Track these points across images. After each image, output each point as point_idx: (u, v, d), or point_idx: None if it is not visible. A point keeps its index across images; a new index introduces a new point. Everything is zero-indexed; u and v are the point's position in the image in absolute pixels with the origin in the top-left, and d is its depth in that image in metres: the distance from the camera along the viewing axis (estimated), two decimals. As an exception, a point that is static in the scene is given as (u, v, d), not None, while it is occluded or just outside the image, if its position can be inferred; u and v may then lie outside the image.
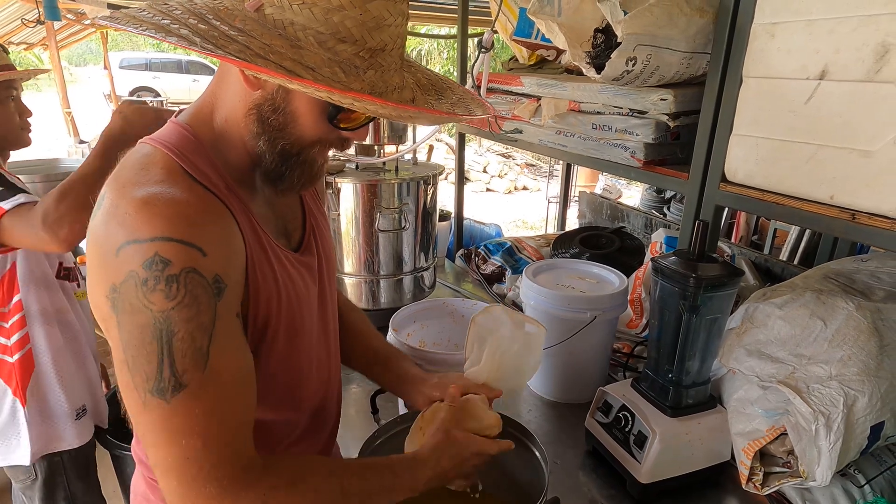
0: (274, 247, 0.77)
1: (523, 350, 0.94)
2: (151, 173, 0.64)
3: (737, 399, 1.12)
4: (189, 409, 0.60)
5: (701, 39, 1.23)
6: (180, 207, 0.62)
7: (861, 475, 1.05)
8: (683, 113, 1.29)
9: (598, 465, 1.19)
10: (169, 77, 13.38)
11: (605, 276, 1.46)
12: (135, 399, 0.61)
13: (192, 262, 0.60)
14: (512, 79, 1.72)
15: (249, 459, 0.65)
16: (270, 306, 0.74)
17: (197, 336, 0.61)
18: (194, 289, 0.60)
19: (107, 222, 0.62)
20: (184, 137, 0.71)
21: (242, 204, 0.73)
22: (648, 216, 2.57)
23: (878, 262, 1.26)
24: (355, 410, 1.37)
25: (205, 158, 0.70)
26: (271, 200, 0.81)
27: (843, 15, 0.92)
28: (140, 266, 0.59)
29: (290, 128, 0.70)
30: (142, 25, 0.59)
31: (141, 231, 0.59)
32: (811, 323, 1.07)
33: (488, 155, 10.71)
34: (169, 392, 0.60)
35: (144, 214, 0.60)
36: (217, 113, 0.73)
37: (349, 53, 0.63)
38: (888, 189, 0.90)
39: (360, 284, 1.73)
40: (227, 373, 0.64)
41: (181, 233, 0.60)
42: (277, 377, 0.80)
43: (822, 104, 0.97)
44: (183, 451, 0.60)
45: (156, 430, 0.61)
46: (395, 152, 1.72)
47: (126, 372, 0.61)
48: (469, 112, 0.77)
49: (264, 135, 0.71)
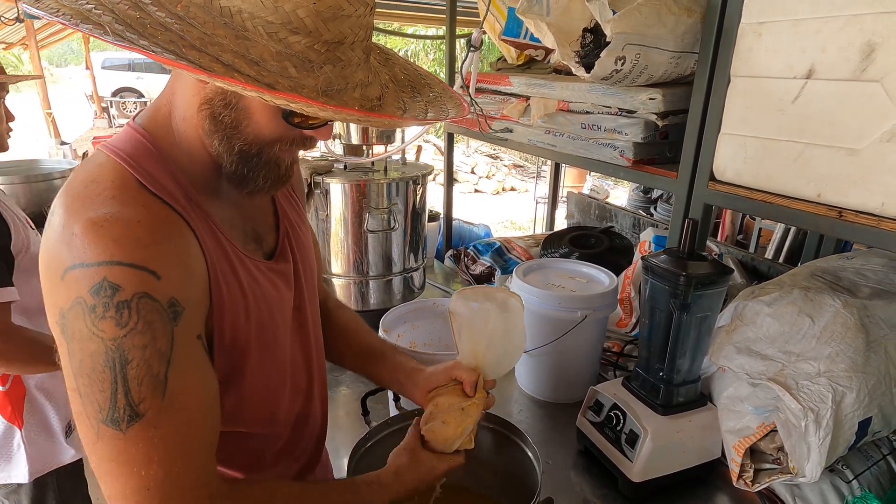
0: (241, 256, 0.73)
1: (506, 326, 0.92)
2: (102, 188, 0.60)
3: (727, 397, 1.12)
4: (147, 438, 0.57)
5: (689, 39, 1.23)
6: (131, 228, 0.58)
7: (849, 470, 1.06)
8: (672, 112, 1.30)
9: (590, 465, 1.19)
10: (153, 77, 13.19)
11: (595, 275, 1.47)
12: (87, 428, 0.58)
13: (143, 287, 0.57)
14: (501, 79, 1.72)
15: (215, 487, 0.63)
16: (238, 319, 0.71)
17: (153, 363, 0.58)
18: (148, 314, 0.57)
19: (54, 243, 0.58)
20: (139, 144, 0.66)
21: (204, 214, 0.69)
22: (636, 216, 2.58)
23: (863, 259, 1.28)
24: (345, 413, 1.36)
25: (161, 167, 0.66)
26: (239, 203, 0.76)
27: (829, 14, 0.93)
28: (87, 292, 0.55)
29: (244, 126, 0.65)
30: (60, 11, 0.52)
31: (88, 255, 0.56)
32: (799, 320, 1.08)
33: (476, 156, 10.73)
34: (125, 422, 0.57)
35: (91, 237, 0.56)
36: (175, 112, 0.68)
37: (302, 46, 0.57)
38: (874, 186, 0.91)
39: (350, 285, 1.72)
40: (187, 398, 0.60)
41: (131, 256, 0.57)
42: (252, 391, 0.77)
43: (809, 103, 0.98)
44: (142, 482, 0.57)
45: (111, 461, 0.58)
46: (383, 152, 1.71)
47: (78, 401, 0.58)
48: (443, 113, 0.73)
49: (218, 133, 0.66)
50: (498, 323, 0.89)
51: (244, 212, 0.78)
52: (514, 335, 0.92)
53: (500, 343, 0.91)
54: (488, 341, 0.90)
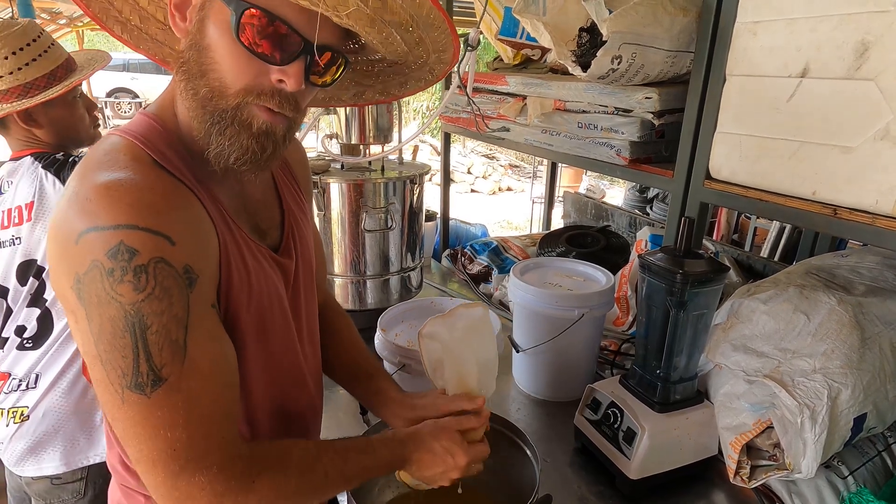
0: (248, 240, 0.74)
1: (478, 342, 0.91)
2: (117, 159, 0.61)
3: (723, 394, 1.13)
4: (171, 401, 0.59)
5: (685, 38, 1.24)
6: (146, 194, 0.59)
7: (844, 467, 1.07)
8: (668, 111, 1.30)
9: (588, 462, 1.19)
10: (147, 78, 13.13)
11: (592, 274, 1.47)
12: (111, 395, 0.59)
13: (159, 252, 0.58)
14: (497, 78, 1.72)
15: (236, 447, 0.64)
16: (240, 301, 0.71)
17: (172, 329, 0.59)
18: (164, 280, 0.58)
19: (67, 209, 0.59)
20: (151, 126, 0.68)
21: (212, 195, 0.70)
22: (632, 215, 2.59)
23: (858, 257, 1.28)
24: (344, 412, 1.36)
25: (172, 147, 0.67)
26: (242, 194, 0.77)
27: (823, 13, 0.94)
28: (104, 255, 0.56)
29: (207, 67, 0.63)
30: None
31: (103, 218, 0.56)
32: (795, 317, 1.09)
33: (472, 156, 10.74)
34: (149, 387, 0.58)
35: (106, 200, 0.57)
36: (175, 94, 0.69)
37: None
38: (868, 184, 0.91)
39: (347, 285, 1.72)
40: (207, 363, 0.62)
41: (146, 221, 0.57)
42: (248, 378, 0.76)
43: (803, 101, 0.99)
44: (168, 444, 0.59)
45: (137, 425, 0.59)
46: (380, 152, 1.71)
47: (100, 367, 0.59)
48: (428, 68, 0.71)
49: (187, 84, 0.64)
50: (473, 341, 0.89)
51: (248, 204, 0.78)
52: (488, 343, 0.92)
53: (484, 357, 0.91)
54: (473, 362, 0.89)
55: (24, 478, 1.38)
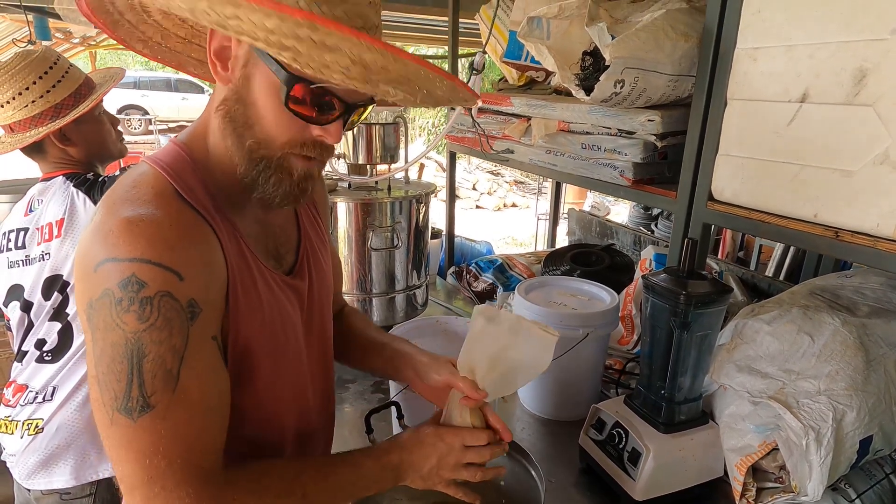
0: (261, 267, 0.76)
1: (514, 350, 0.87)
2: (141, 192, 0.66)
3: (728, 415, 1.13)
4: (155, 428, 0.61)
5: (686, 63, 1.26)
6: (163, 230, 0.63)
7: (852, 489, 1.06)
8: (670, 133, 1.32)
9: (593, 483, 1.19)
10: (157, 95, 13.35)
11: (597, 293, 1.48)
12: (103, 415, 0.62)
13: (167, 286, 0.61)
14: (502, 99, 1.75)
15: (214, 476, 0.66)
16: (252, 326, 0.74)
17: (167, 358, 0.62)
18: (167, 312, 0.61)
19: (92, 238, 0.63)
20: (178, 156, 0.72)
21: (230, 224, 0.73)
22: (637, 233, 2.60)
23: (862, 277, 1.29)
24: (349, 430, 1.36)
25: (196, 178, 0.71)
26: (263, 221, 0.81)
27: (821, 41, 0.96)
28: (116, 285, 0.60)
29: (253, 121, 0.68)
30: None
31: (121, 250, 0.60)
32: (799, 338, 1.09)
33: (477, 172, 10.80)
34: (136, 412, 0.60)
35: (127, 234, 0.61)
36: (210, 128, 0.73)
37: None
38: (869, 207, 0.92)
39: (353, 303, 1.73)
40: (196, 395, 0.64)
41: (160, 256, 0.61)
42: (261, 399, 0.78)
43: (803, 126, 1.00)
44: (146, 470, 0.61)
45: (121, 447, 0.62)
46: (387, 171, 1.74)
47: (96, 387, 0.62)
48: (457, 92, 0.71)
49: (232, 133, 0.69)
50: (503, 350, 0.86)
51: (267, 229, 0.81)
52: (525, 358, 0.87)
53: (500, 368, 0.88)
54: (489, 364, 0.87)
55: (34, 492, 1.38)
